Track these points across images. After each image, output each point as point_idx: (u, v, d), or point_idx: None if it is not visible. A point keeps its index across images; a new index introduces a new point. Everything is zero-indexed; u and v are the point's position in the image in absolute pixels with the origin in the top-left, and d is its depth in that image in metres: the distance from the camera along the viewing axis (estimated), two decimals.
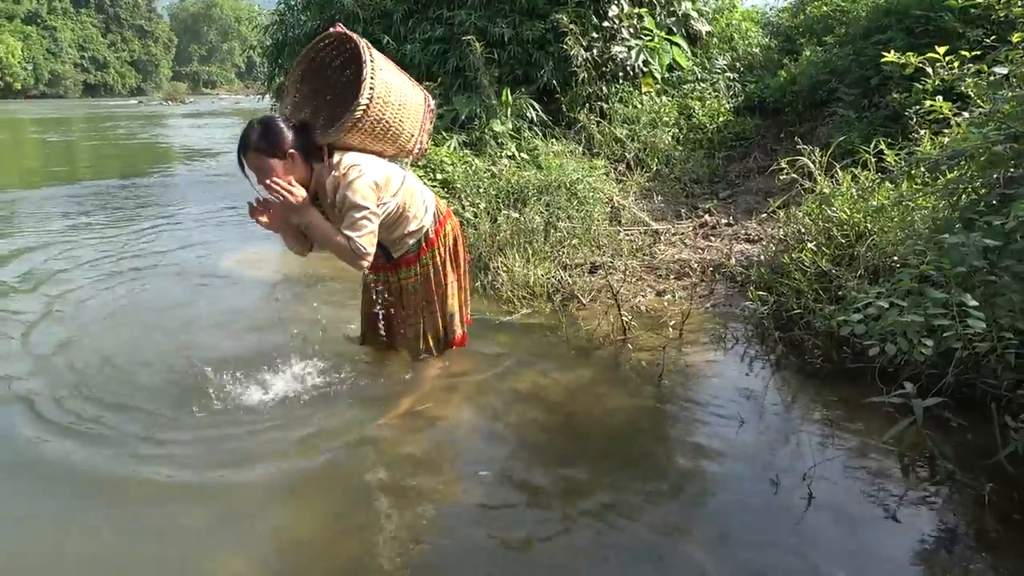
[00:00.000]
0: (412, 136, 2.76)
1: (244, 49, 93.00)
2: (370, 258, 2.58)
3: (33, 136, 19.41)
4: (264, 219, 2.61)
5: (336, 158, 2.59)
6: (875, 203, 3.38)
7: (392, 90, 2.63)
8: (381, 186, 2.61)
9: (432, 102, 2.89)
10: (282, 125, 2.54)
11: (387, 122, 2.62)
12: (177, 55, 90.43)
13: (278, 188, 2.48)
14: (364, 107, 2.52)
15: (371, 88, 2.53)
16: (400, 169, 2.78)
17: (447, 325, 3.00)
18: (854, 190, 3.64)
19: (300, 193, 2.50)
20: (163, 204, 7.96)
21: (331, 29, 2.74)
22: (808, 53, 7.16)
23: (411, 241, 2.83)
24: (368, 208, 2.54)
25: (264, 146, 2.49)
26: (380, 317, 2.98)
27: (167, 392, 2.96)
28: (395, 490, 2.30)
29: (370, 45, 2.63)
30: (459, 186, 5.27)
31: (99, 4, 78.03)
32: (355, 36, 2.65)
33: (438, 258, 2.90)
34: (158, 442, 2.58)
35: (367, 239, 2.54)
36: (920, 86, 4.42)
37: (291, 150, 2.52)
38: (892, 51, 3.13)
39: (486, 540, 2.03)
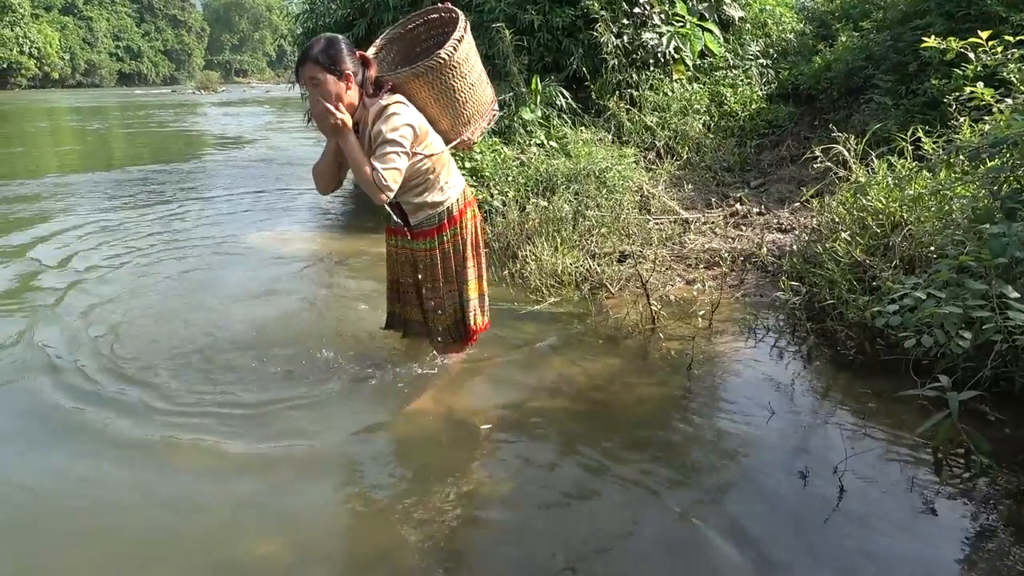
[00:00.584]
0: (469, 122, 2.75)
1: (275, 38, 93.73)
2: (390, 193, 2.51)
3: (72, 124, 19.80)
4: (327, 115, 2.54)
5: (387, 98, 2.58)
6: (912, 192, 3.31)
7: (472, 69, 2.65)
8: (419, 136, 2.58)
9: (497, 107, 2.88)
10: (344, 46, 2.56)
11: (455, 91, 2.62)
12: (209, 44, 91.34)
13: (325, 107, 2.48)
14: (443, 60, 2.53)
15: (455, 48, 2.55)
16: (442, 141, 2.75)
17: (464, 311, 2.91)
18: (890, 179, 3.56)
19: (344, 118, 2.50)
20: (197, 188, 8.16)
21: (440, 3, 2.79)
22: (844, 39, 7.01)
23: (431, 212, 2.76)
24: (400, 145, 2.51)
25: (323, 60, 2.50)
26: (399, 286, 2.96)
27: (205, 368, 3.04)
28: (422, 475, 2.32)
29: (468, 26, 2.66)
30: (488, 174, 5.26)
31: None
32: (460, 13, 2.68)
33: (457, 239, 2.83)
34: (190, 417, 2.65)
35: (391, 174, 2.48)
36: (960, 72, 4.31)
37: (347, 71, 2.53)
38: (932, 36, 3.05)
39: (513, 526, 2.04)
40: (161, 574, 1.90)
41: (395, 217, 2.81)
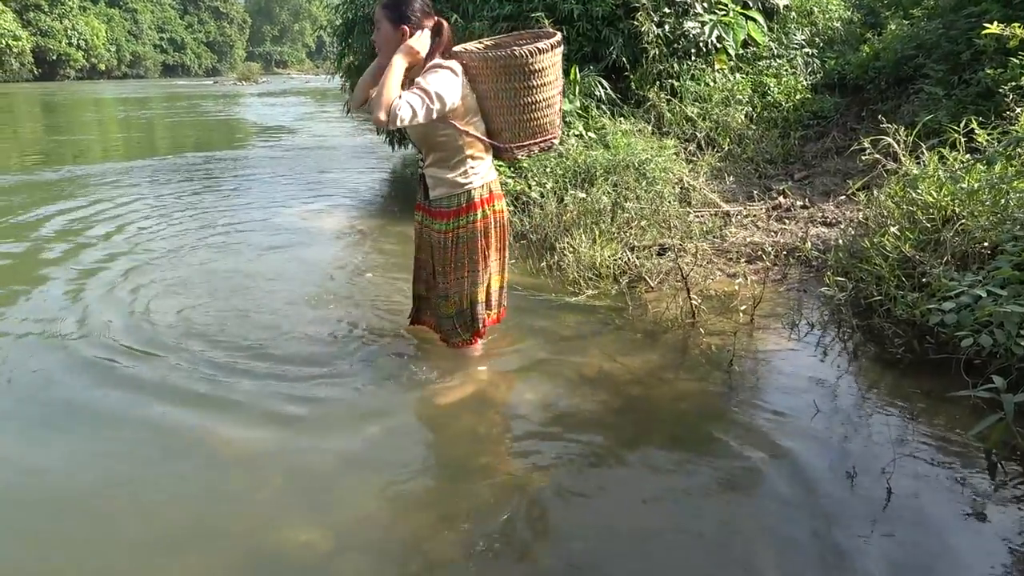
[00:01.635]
0: (520, 134, 2.71)
1: (314, 29, 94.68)
2: (392, 126, 2.46)
3: (122, 114, 20.29)
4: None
5: (446, 62, 2.59)
6: (967, 185, 3.19)
7: (545, 85, 2.62)
8: (458, 104, 2.58)
9: (558, 136, 2.83)
10: (417, 4, 2.61)
11: (517, 95, 2.60)
12: (250, 36, 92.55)
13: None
14: (518, 57, 2.52)
15: (533, 53, 2.53)
16: (485, 132, 2.73)
17: (472, 303, 2.84)
18: (941, 172, 3.45)
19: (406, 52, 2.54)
20: (245, 174, 8.57)
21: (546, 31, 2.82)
22: (893, 27, 6.82)
23: (450, 191, 2.72)
24: (435, 92, 2.48)
25: (389, 5, 2.62)
26: (419, 263, 2.95)
27: (243, 359, 3.07)
28: (457, 466, 2.33)
29: (561, 48, 2.65)
30: (526, 165, 5.23)
31: None
32: (558, 33, 2.68)
33: (473, 227, 2.76)
34: (228, 406, 2.69)
35: (405, 110, 2.42)
36: (1018, 61, 4.15)
37: (404, 26, 2.58)
38: (994, 23, 2.94)
39: (548, 520, 2.03)
40: (200, 562, 1.92)
41: (422, 195, 2.83)
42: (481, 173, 2.75)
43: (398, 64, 2.51)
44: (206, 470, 2.32)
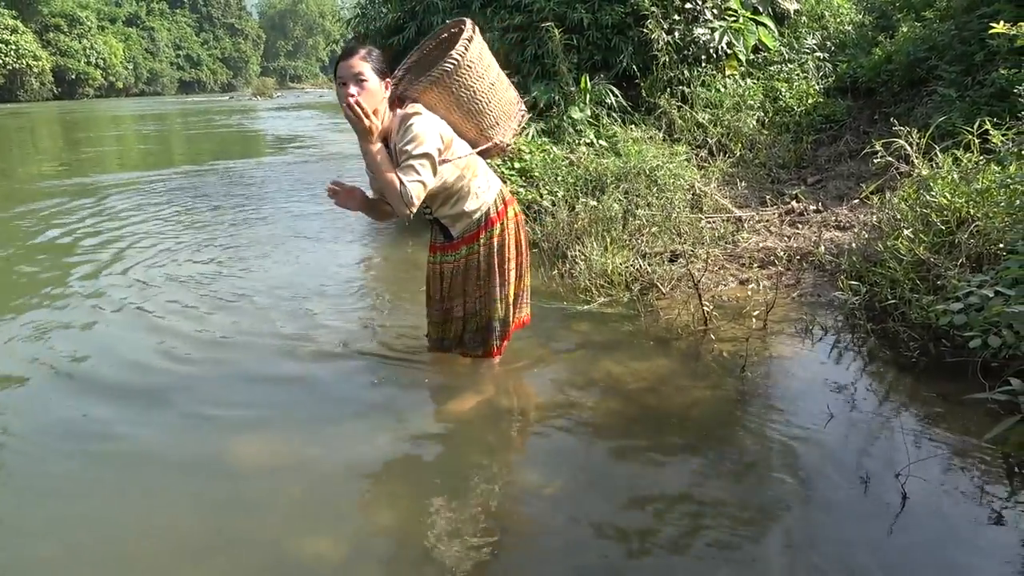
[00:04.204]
0: (496, 123, 2.71)
1: (328, 43, 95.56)
2: (414, 207, 2.47)
3: (144, 129, 20.60)
4: (338, 199, 2.61)
5: (410, 107, 2.57)
6: (980, 186, 3.16)
7: (488, 68, 2.63)
8: (444, 142, 2.55)
9: (524, 107, 2.85)
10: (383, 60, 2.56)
11: (475, 92, 2.60)
12: (265, 51, 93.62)
13: (358, 109, 2.42)
14: (455, 60, 2.51)
15: (465, 48, 2.53)
16: (466, 145, 2.70)
17: (505, 312, 2.85)
18: (955, 173, 3.42)
19: (375, 123, 2.45)
20: (259, 183, 8.88)
21: (451, 22, 2.77)
22: (905, 29, 6.77)
23: (469, 220, 2.74)
24: (424, 152, 2.46)
25: (371, 59, 2.48)
26: (441, 302, 2.89)
27: (261, 365, 3.10)
28: (470, 475, 2.32)
29: (478, 33, 2.63)
30: (537, 174, 5.25)
31: (193, 4, 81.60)
32: (468, 20, 2.66)
33: (494, 240, 2.77)
34: (246, 416, 2.71)
35: (415, 187, 2.43)
36: None
37: (388, 78, 2.53)
38: (1000, 22, 2.92)
39: (561, 528, 2.03)
40: (213, 572, 1.94)
41: (440, 236, 2.81)
42: (486, 186, 2.75)
43: (378, 154, 2.47)
44: (224, 481, 2.33)
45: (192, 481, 2.34)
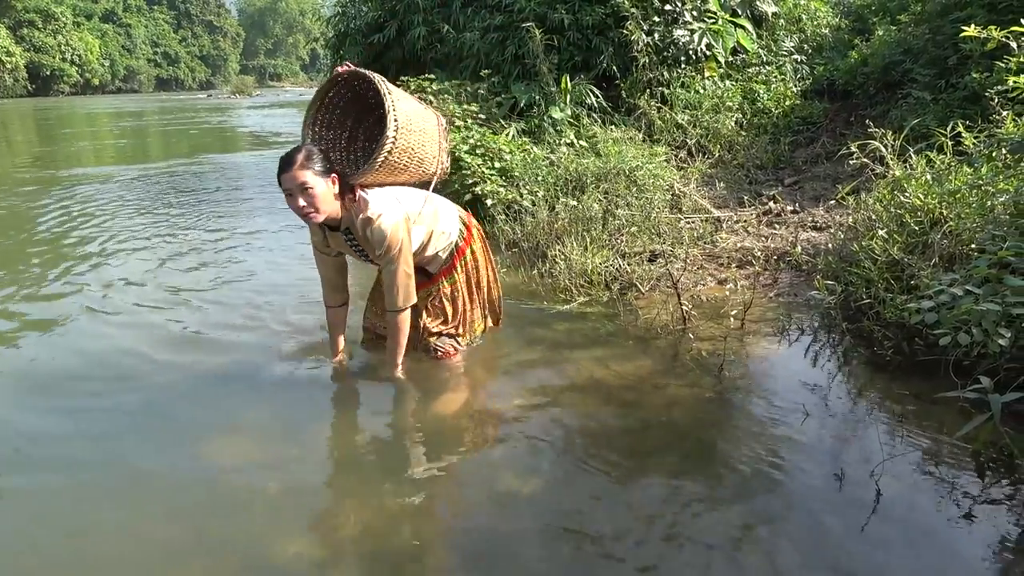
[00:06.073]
0: (434, 158, 2.83)
1: (308, 42, 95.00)
2: (413, 300, 2.76)
3: (123, 125, 20.30)
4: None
5: (361, 196, 2.63)
6: (952, 187, 3.21)
7: (412, 118, 2.67)
8: (410, 220, 2.71)
9: (444, 120, 2.97)
10: (320, 152, 2.57)
11: (412, 150, 2.67)
12: (244, 49, 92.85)
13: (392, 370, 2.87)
14: (392, 140, 2.54)
15: (395, 121, 2.54)
16: (420, 193, 2.83)
17: (495, 310, 3.25)
18: (928, 175, 3.47)
19: (399, 375, 2.85)
20: (243, 177, 8.96)
21: (338, 69, 2.74)
22: (881, 32, 6.88)
23: (444, 255, 2.96)
24: (399, 260, 2.66)
25: (310, 164, 2.48)
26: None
27: (235, 364, 3.07)
28: (449, 474, 2.32)
29: (383, 79, 2.61)
30: (517, 174, 5.25)
31: (171, 1, 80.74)
32: (366, 72, 2.64)
33: (472, 261, 3.07)
34: (221, 417, 2.68)
35: (402, 294, 2.70)
36: (1003, 64, 4.19)
37: (333, 170, 2.56)
38: (972, 26, 2.97)
39: (540, 526, 2.03)
40: (193, 572, 1.92)
41: (422, 277, 2.96)
42: (448, 219, 2.94)
43: (398, 360, 2.85)
44: (201, 483, 2.30)
45: (167, 484, 2.31)
